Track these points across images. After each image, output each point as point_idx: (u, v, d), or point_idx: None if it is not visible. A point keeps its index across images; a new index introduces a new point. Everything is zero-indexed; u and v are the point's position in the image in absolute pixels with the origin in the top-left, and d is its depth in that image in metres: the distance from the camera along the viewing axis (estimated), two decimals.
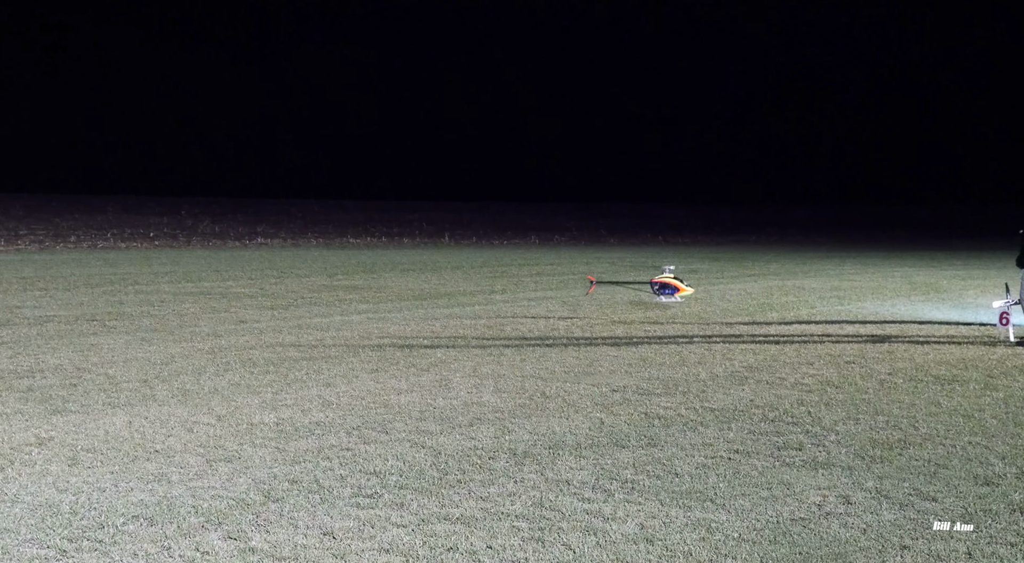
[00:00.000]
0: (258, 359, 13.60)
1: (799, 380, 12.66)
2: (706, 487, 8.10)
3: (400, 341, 15.39)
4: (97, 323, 16.75)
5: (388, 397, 11.31)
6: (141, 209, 69.52)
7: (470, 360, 13.79)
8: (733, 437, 9.70)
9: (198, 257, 33.80)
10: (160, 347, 14.46)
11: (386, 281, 25.37)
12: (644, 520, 7.34)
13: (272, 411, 10.53)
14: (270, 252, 37.25)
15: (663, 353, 14.61)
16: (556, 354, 14.40)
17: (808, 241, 53.37)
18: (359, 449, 9.10)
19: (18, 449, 8.91)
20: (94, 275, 25.59)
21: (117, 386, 11.68)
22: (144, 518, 7.21)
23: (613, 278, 27.00)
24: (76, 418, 10.09)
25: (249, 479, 8.15)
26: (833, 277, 29.05)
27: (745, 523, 7.29)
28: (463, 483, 8.14)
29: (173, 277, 25.59)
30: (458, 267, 30.94)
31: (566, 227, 63.71)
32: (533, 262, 34.14)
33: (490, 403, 11.09)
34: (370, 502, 7.64)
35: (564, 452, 9.10)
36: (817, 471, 8.57)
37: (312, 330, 16.34)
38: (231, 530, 7.02)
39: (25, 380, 11.92)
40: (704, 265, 33.93)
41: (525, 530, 7.11)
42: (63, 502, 7.51)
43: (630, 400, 11.35)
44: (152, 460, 8.66)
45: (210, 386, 11.78)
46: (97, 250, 36.61)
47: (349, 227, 57.22)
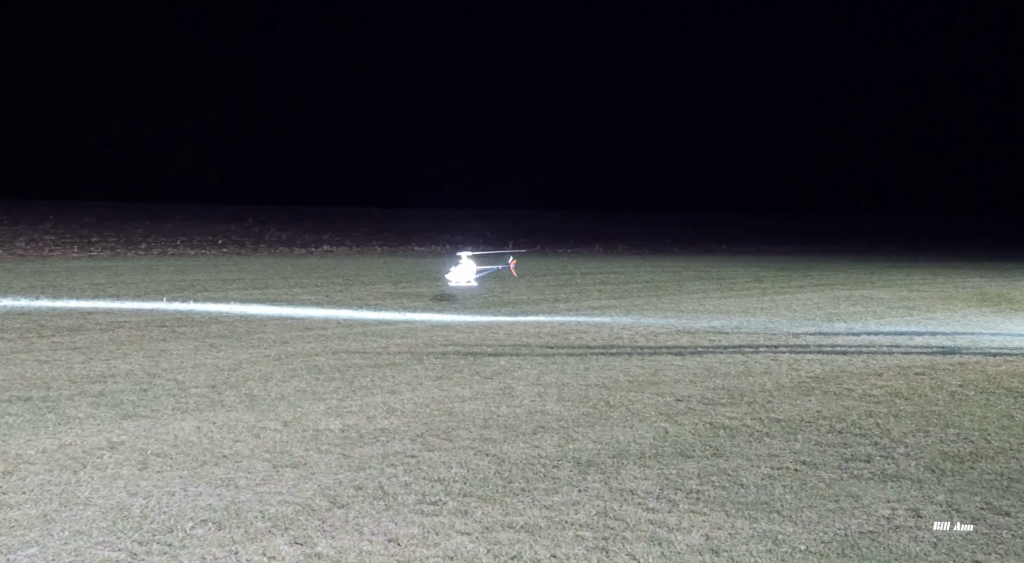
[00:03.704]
0: (324, 366, 13.71)
1: (867, 391, 12.50)
2: (772, 498, 8.02)
3: (464, 349, 15.43)
4: (167, 329, 17.01)
5: (452, 405, 11.35)
6: (208, 217, 70.45)
7: (534, 368, 13.79)
8: (800, 448, 9.60)
9: (265, 264, 34.18)
10: (228, 353, 14.64)
11: (450, 288, 25.44)
12: (709, 531, 7.28)
13: (337, 417, 10.61)
14: (335, 260, 37.55)
15: (728, 363, 14.50)
16: (620, 363, 14.35)
17: (874, 250, 52.64)
18: (423, 456, 9.14)
19: (90, 453, 9.08)
20: (164, 282, 25.98)
21: (186, 391, 11.85)
22: (212, 522, 7.31)
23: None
24: (146, 423, 10.25)
25: (315, 485, 8.22)
26: (902, 287, 28.62)
27: (812, 535, 7.21)
28: (527, 491, 8.14)
29: (240, 284, 25.89)
30: (522, 275, 30.99)
31: (629, 235, 63.51)
32: (596, 270, 34.06)
33: (554, 412, 11.08)
34: (434, 509, 7.66)
35: (628, 461, 9.07)
36: (886, 484, 8.45)
37: (377, 337, 16.44)
38: (297, 535, 7.08)
39: (97, 385, 12.13)
40: (770, 274, 33.62)
41: (589, 539, 7.09)
42: (134, 505, 7.64)
43: (695, 410, 11.28)
44: (220, 465, 8.77)
45: (277, 392, 11.90)
46: (167, 257, 37.18)
47: (413, 235, 57.53)
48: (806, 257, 45.82)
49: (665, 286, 27.81)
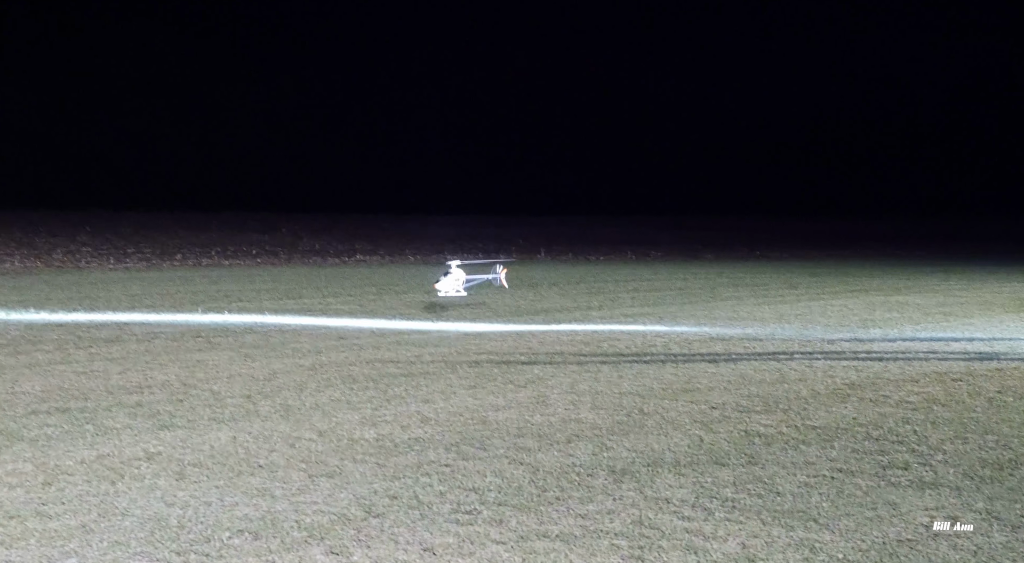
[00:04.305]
0: (358, 375, 13.77)
1: (904, 398, 12.40)
2: (809, 506, 7.98)
3: (497, 357, 15.45)
4: (202, 339, 17.12)
5: (486, 413, 11.36)
6: (242, 226, 70.84)
7: (567, 377, 13.78)
8: (836, 456, 9.54)
9: (298, 274, 34.34)
10: (263, 363, 14.73)
11: (483, 297, 25.47)
12: (746, 539, 7.25)
13: (372, 427, 10.65)
14: (369, 269, 37.69)
15: (762, 370, 14.44)
16: (654, 371, 14.31)
17: (909, 255, 52.22)
18: (458, 465, 9.15)
19: (128, 463, 9.15)
20: (199, 292, 26.15)
21: (222, 402, 11.93)
22: (249, 532, 7.35)
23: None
24: (183, 433, 10.32)
25: (350, 494, 8.26)
26: (938, 292, 28.38)
27: (850, 544, 7.16)
28: (562, 500, 8.14)
29: (274, 294, 26.03)
30: (554, 283, 30.96)
31: (661, 241, 63.35)
32: (629, 278, 33.99)
33: (588, 420, 11.07)
34: (469, 518, 7.68)
35: (663, 470, 9.04)
36: (924, 491, 8.39)
37: (410, 346, 16.48)
38: (333, 545, 7.11)
39: (134, 395, 12.24)
40: (803, 280, 33.44)
41: (625, 548, 7.08)
42: (171, 516, 7.70)
43: (729, 417, 11.23)
44: (256, 475, 8.83)
45: (311, 402, 11.96)
46: (201, 267, 37.44)
47: (446, 243, 57.63)
48: (839, 262, 45.53)
49: (698, 293, 27.73)
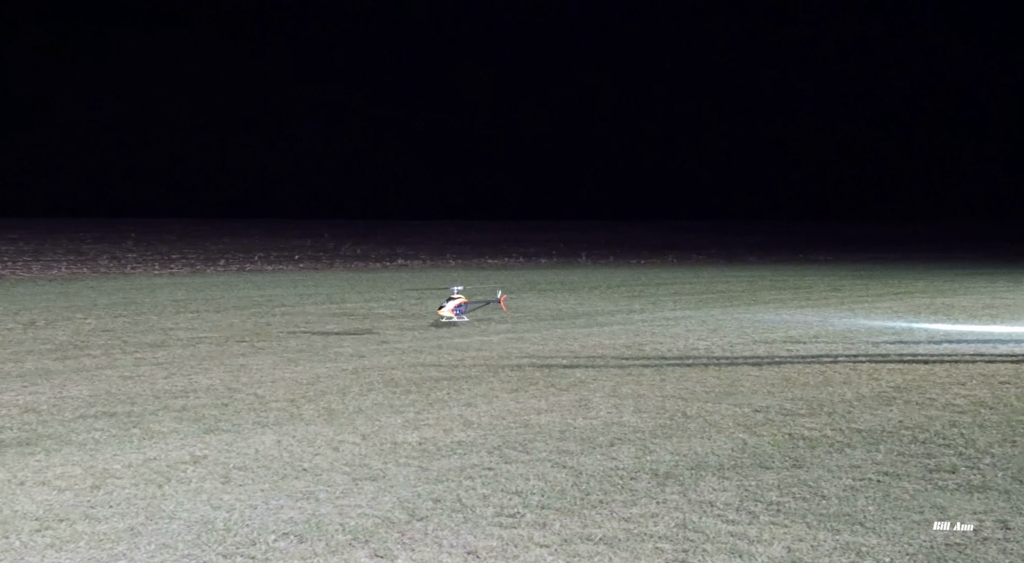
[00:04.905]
0: (400, 379, 13.82)
1: (950, 401, 12.27)
2: (855, 510, 7.91)
3: (539, 361, 15.45)
4: (246, 344, 17.26)
5: (528, 417, 11.36)
6: (284, 232, 71.42)
7: (610, 380, 13.76)
8: (882, 459, 9.45)
9: (341, 279, 34.53)
10: (306, 367, 14.82)
11: (524, 301, 25.51)
12: (791, 543, 7.20)
13: (415, 430, 10.68)
14: (410, 273, 37.83)
15: (807, 373, 14.34)
16: (696, 374, 14.26)
17: (954, 257, 51.66)
18: (500, 469, 9.16)
19: (174, 467, 9.24)
20: (243, 297, 26.38)
21: (266, 405, 12.01)
22: (294, 535, 7.39)
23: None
24: (228, 437, 10.41)
25: (394, 497, 8.29)
26: (984, 294, 28.06)
27: (897, 548, 7.09)
28: (605, 504, 8.12)
29: (317, 299, 26.19)
30: (595, 287, 30.92)
31: (703, 245, 63.08)
32: (671, 281, 33.88)
33: (631, 423, 11.04)
34: (512, 522, 7.68)
35: (707, 473, 9.00)
36: (972, 495, 8.29)
37: (452, 350, 16.52)
38: (378, 548, 7.14)
39: (179, 400, 12.35)
40: (847, 282, 33.18)
41: (669, 552, 7.05)
42: (217, 519, 7.76)
43: (773, 421, 11.16)
44: (300, 478, 8.88)
45: (354, 406, 12.02)
46: (245, 273, 37.74)
47: (487, 248, 57.72)
48: (883, 264, 45.14)
49: (740, 296, 27.59)
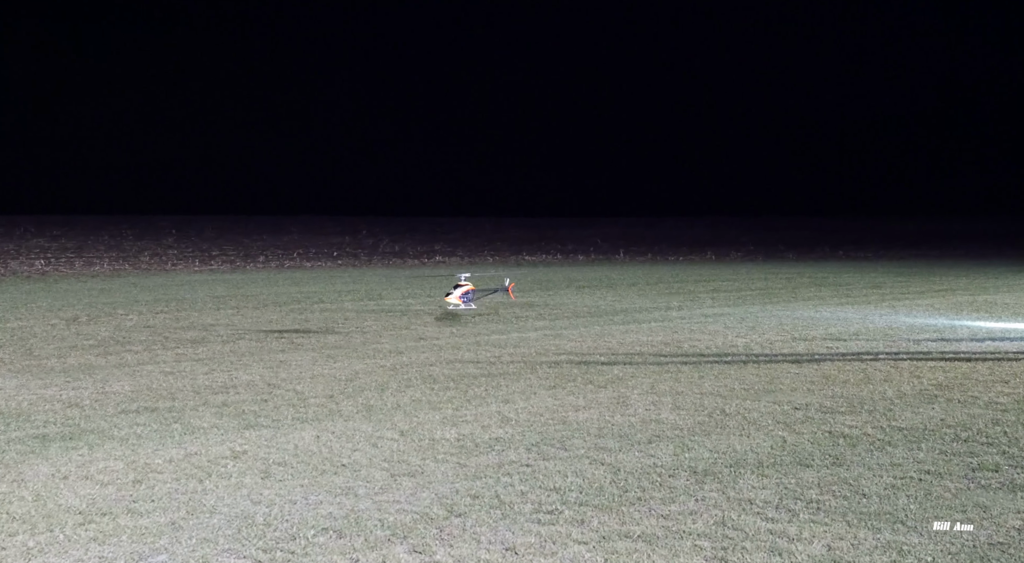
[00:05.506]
0: (438, 375, 13.84)
1: (993, 399, 12.13)
2: (896, 508, 7.84)
3: (577, 358, 15.43)
4: (285, 340, 17.36)
5: (566, 414, 11.35)
6: (323, 229, 71.75)
7: (648, 377, 13.72)
8: (923, 457, 9.36)
9: (379, 275, 34.65)
10: (344, 363, 14.88)
11: (562, 298, 25.48)
12: (831, 541, 7.15)
13: (453, 427, 10.70)
14: (448, 270, 37.89)
15: (846, 370, 14.23)
16: (735, 371, 14.18)
17: (997, 254, 51.06)
18: (538, 465, 9.16)
19: (215, 462, 9.31)
20: (281, 294, 26.53)
21: (305, 401, 12.08)
22: (333, 530, 7.43)
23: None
24: (267, 433, 10.47)
25: (432, 493, 8.31)
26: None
27: (939, 547, 7.02)
28: (643, 501, 8.10)
29: (355, 295, 26.30)
30: (633, 284, 30.84)
31: (742, 241, 62.73)
32: (709, 278, 33.73)
33: (669, 420, 11.00)
34: (551, 518, 7.67)
35: (746, 471, 8.95)
36: (1016, 493, 8.20)
37: (490, 347, 16.54)
38: (416, 544, 7.16)
39: (220, 395, 12.45)
40: (888, 280, 32.89)
41: (707, 549, 7.02)
42: (257, 514, 7.81)
43: (813, 418, 11.09)
44: (339, 474, 8.92)
45: (393, 402, 12.05)
46: (284, 270, 37.98)
47: (524, 245, 57.69)
48: (925, 261, 44.70)
49: (780, 293, 27.42)
